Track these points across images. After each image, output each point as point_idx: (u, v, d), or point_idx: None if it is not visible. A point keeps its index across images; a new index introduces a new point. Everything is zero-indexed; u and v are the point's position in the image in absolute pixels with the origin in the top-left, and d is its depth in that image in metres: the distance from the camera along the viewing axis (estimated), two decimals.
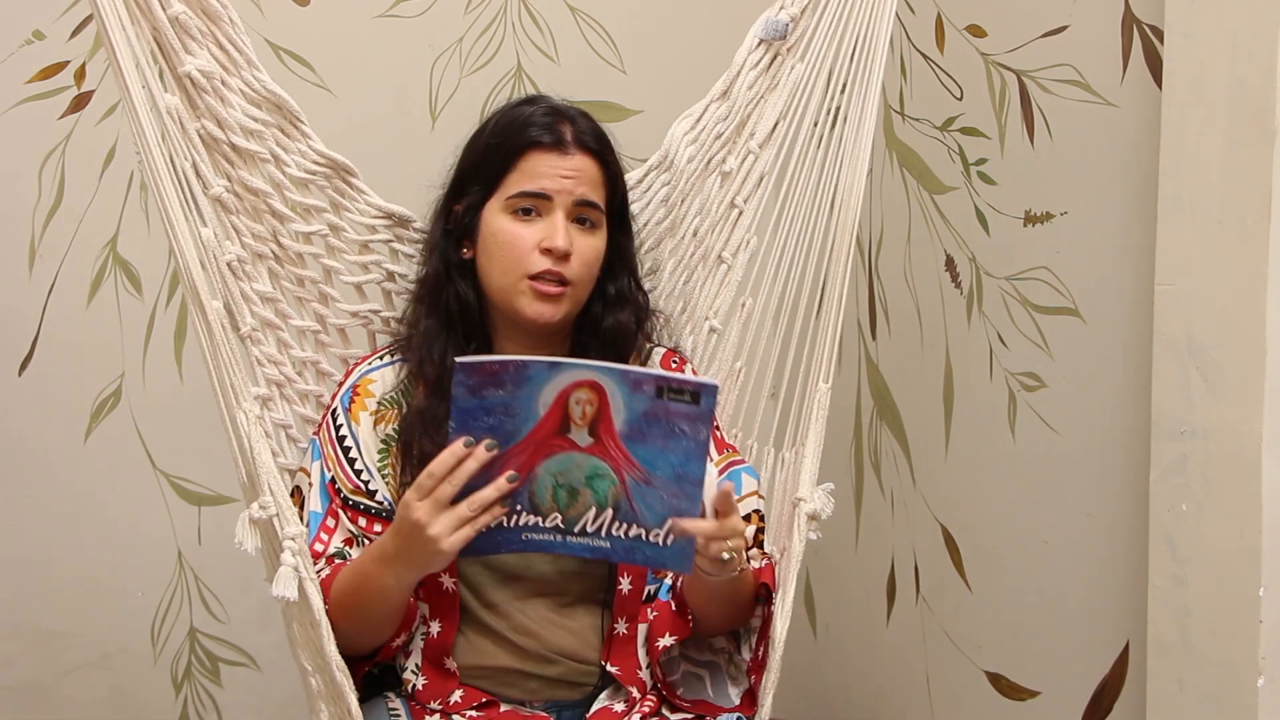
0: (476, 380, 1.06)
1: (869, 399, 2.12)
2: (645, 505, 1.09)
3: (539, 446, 1.09)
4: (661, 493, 1.09)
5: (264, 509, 1.10)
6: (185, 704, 2.05)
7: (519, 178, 1.27)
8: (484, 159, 1.30)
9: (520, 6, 2.11)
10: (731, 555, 1.11)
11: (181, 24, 1.25)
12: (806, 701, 2.24)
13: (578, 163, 1.28)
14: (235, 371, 1.13)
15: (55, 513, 1.97)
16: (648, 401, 1.07)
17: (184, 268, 1.12)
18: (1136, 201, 1.51)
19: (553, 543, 1.12)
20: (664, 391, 1.07)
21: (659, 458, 1.08)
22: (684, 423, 1.07)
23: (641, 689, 1.27)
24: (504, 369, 1.06)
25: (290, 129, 1.35)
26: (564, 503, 1.10)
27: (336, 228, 1.40)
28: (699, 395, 1.07)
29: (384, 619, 1.20)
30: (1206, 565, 1.39)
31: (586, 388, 1.07)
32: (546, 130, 1.28)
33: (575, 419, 1.08)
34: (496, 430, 1.08)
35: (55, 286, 1.96)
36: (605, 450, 1.09)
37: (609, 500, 1.10)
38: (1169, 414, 1.43)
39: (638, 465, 1.09)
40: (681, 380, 1.08)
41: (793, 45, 1.48)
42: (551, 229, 1.26)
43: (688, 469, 1.08)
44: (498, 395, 1.07)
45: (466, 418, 1.07)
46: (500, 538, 1.12)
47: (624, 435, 1.08)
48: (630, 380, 1.07)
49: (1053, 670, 1.70)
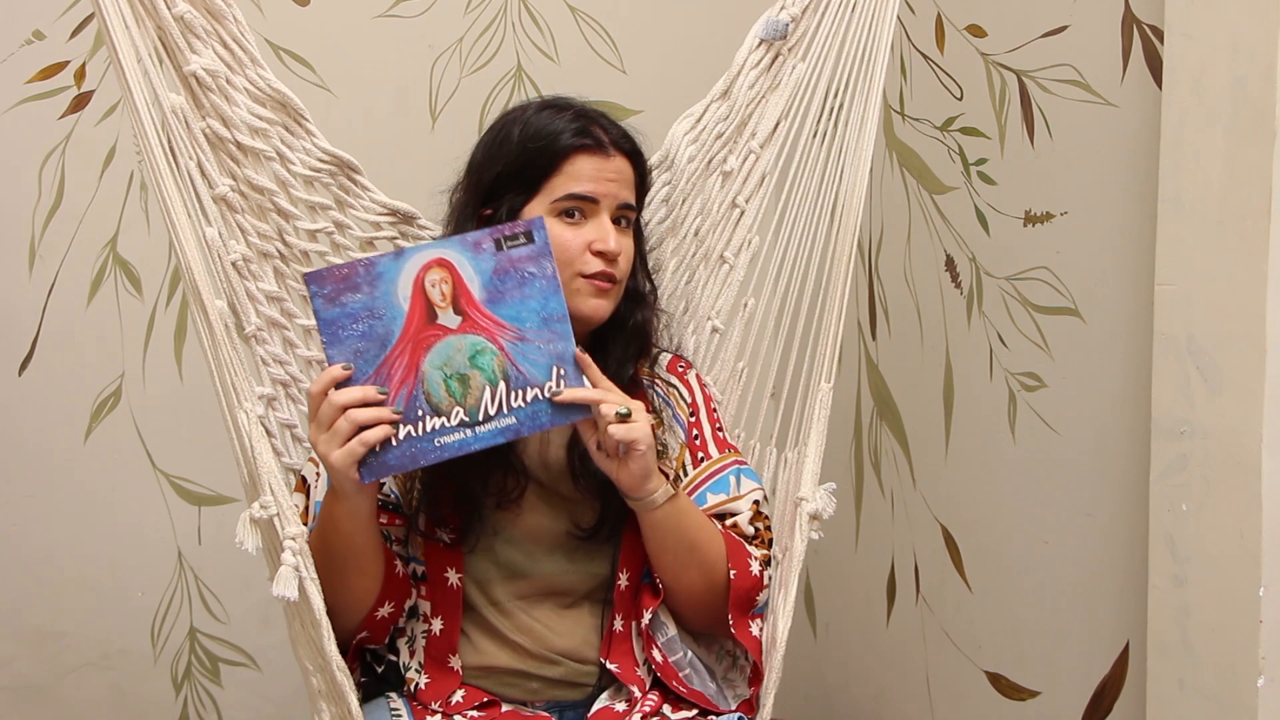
0: (331, 288, 1.10)
1: (869, 399, 2.12)
2: (529, 362, 1.15)
3: (416, 342, 1.12)
4: (537, 342, 1.15)
5: (265, 509, 1.10)
6: (185, 704, 2.05)
7: (565, 180, 1.27)
8: (522, 163, 1.29)
9: (520, 6, 2.11)
10: (627, 409, 1.14)
11: (186, 23, 1.25)
12: (806, 701, 2.24)
13: (618, 165, 1.29)
14: (237, 371, 1.13)
15: (55, 513, 1.97)
16: (492, 259, 1.14)
17: (186, 267, 1.12)
18: (1136, 201, 1.52)
19: (466, 440, 1.14)
20: (502, 243, 1.14)
21: (522, 308, 1.14)
22: (530, 265, 1.15)
23: (642, 687, 1.27)
24: (354, 270, 1.11)
25: (295, 126, 1.35)
26: (459, 394, 1.13)
27: (342, 225, 1.40)
28: (531, 233, 1.15)
29: (349, 561, 1.19)
30: (1206, 565, 1.39)
31: (436, 266, 1.13)
32: (586, 134, 1.28)
33: (437, 301, 1.13)
34: (369, 335, 1.11)
35: (55, 286, 1.96)
36: (475, 323, 1.14)
37: (498, 373, 1.14)
38: (1169, 414, 1.43)
39: (507, 326, 1.14)
40: (512, 225, 1.15)
41: (794, 45, 1.48)
42: (601, 231, 1.27)
43: (549, 308, 1.15)
44: (357, 299, 1.11)
45: (335, 329, 1.11)
46: (415, 449, 1.13)
47: (485, 301, 1.14)
48: (471, 244, 1.14)
49: (1053, 670, 1.70)
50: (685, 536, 1.24)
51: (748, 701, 1.29)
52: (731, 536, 1.28)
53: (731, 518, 1.31)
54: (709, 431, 1.36)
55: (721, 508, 1.31)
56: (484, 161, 1.32)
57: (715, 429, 1.36)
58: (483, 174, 1.31)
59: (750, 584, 1.26)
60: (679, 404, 1.37)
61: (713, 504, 1.31)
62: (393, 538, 1.29)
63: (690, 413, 1.36)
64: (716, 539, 1.26)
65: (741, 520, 1.31)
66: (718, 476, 1.33)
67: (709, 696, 1.28)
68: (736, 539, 1.29)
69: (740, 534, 1.30)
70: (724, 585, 1.26)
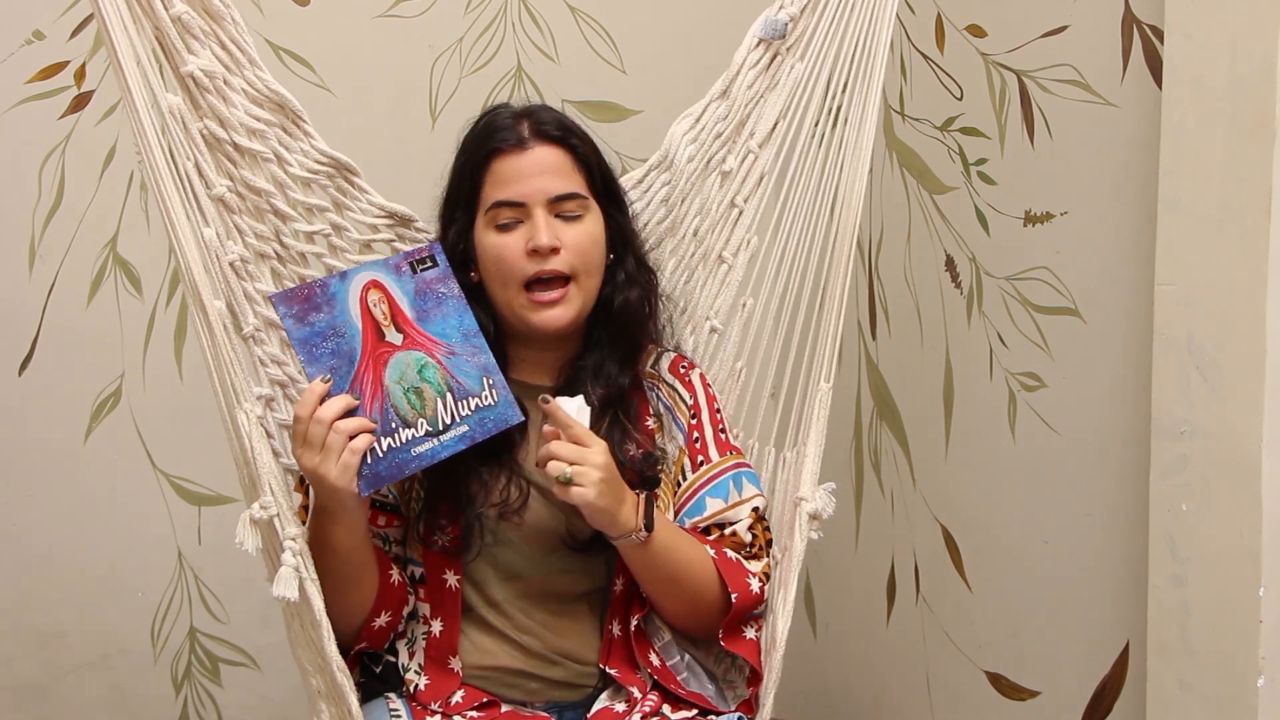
0: (298, 308, 1.15)
1: (869, 399, 2.12)
2: (463, 374, 1.21)
3: (375, 358, 1.17)
4: (464, 356, 1.22)
5: (265, 509, 1.10)
6: (185, 704, 2.05)
7: (491, 189, 1.28)
8: (458, 180, 1.31)
9: (520, 6, 2.11)
10: (568, 476, 1.15)
11: (184, 24, 1.25)
12: (806, 701, 2.24)
13: (540, 155, 1.27)
14: (236, 371, 1.13)
15: (55, 513, 1.97)
16: (411, 280, 1.22)
17: (185, 268, 1.12)
18: (1136, 201, 1.52)
19: (435, 449, 1.18)
20: (415, 266, 1.22)
21: (445, 325, 1.22)
22: (440, 286, 1.22)
23: (642, 689, 1.27)
24: (312, 291, 1.16)
25: (293, 128, 1.34)
26: (418, 405, 1.18)
27: (339, 227, 1.40)
28: (433, 257, 1.23)
29: (344, 577, 1.19)
30: (1206, 565, 1.39)
31: (373, 288, 1.19)
32: (504, 133, 1.28)
33: (380, 320, 1.18)
34: (338, 353, 1.16)
35: (55, 286, 1.96)
36: (414, 340, 1.19)
37: (443, 385, 1.19)
38: (1169, 414, 1.43)
39: (438, 341, 1.21)
40: (418, 250, 1.23)
41: (792, 44, 1.48)
42: (533, 230, 1.26)
43: (465, 324, 1.22)
44: (321, 319, 1.15)
45: (310, 347, 1.15)
46: (398, 460, 1.16)
47: (416, 320, 1.20)
48: (392, 266, 1.21)
49: (1053, 670, 1.70)
50: (665, 573, 1.24)
51: (747, 702, 1.29)
52: (726, 558, 1.27)
53: (730, 526, 1.30)
54: (710, 434, 1.35)
55: (719, 516, 1.30)
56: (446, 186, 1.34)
57: (717, 430, 1.36)
58: (445, 195, 1.34)
59: (750, 602, 1.26)
60: (680, 408, 1.36)
61: (711, 512, 1.30)
62: (390, 539, 1.29)
63: (691, 415, 1.36)
64: (705, 567, 1.25)
65: (740, 529, 1.30)
66: (716, 481, 1.32)
67: (708, 697, 1.28)
68: (733, 561, 1.27)
69: (737, 542, 1.30)
70: (713, 607, 1.25)
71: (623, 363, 1.32)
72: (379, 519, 1.28)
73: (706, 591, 1.25)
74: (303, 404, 1.12)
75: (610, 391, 1.30)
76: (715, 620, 1.26)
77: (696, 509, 1.30)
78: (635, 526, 1.19)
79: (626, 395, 1.32)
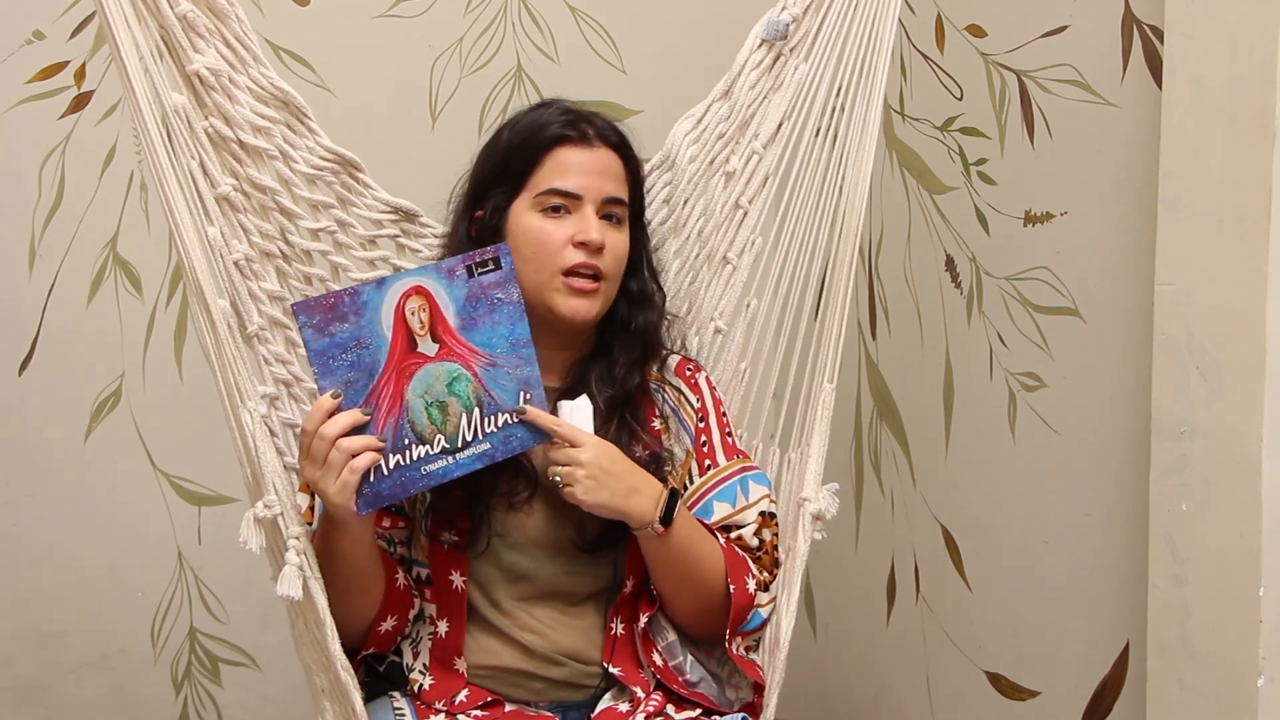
0: (320, 318, 1.11)
1: (869, 399, 2.12)
2: (499, 387, 1.18)
3: (400, 371, 1.14)
4: (506, 368, 1.19)
5: (269, 508, 1.10)
6: (185, 704, 2.05)
7: (547, 175, 1.28)
8: (507, 159, 1.30)
9: (520, 6, 2.11)
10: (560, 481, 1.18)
11: (189, 22, 1.25)
12: (806, 701, 2.24)
13: (602, 156, 1.29)
14: (239, 371, 1.13)
15: (55, 513, 1.97)
16: (465, 285, 1.17)
17: (189, 267, 1.12)
18: (1136, 201, 1.52)
19: (449, 467, 1.17)
20: (474, 269, 1.17)
21: (492, 334, 1.18)
22: (498, 291, 1.18)
23: (645, 688, 1.27)
24: (339, 300, 1.12)
25: (298, 125, 1.34)
26: (440, 421, 1.16)
27: (344, 223, 1.40)
28: (498, 260, 1.18)
29: (350, 582, 1.19)
30: (1206, 565, 1.39)
31: (415, 294, 1.15)
32: (570, 126, 1.29)
33: (416, 329, 1.15)
34: (357, 365, 1.12)
35: (55, 286, 1.96)
36: (451, 350, 1.16)
37: (472, 399, 1.17)
38: (1169, 414, 1.43)
39: (480, 352, 1.18)
40: (482, 252, 1.17)
41: (796, 45, 1.48)
42: (584, 222, 1.26)
43: (516, 333, 1.19)
44: (345, 329, 1.12)
45: (326, 360, 1.11)
46: (405, 478, 1.15)
47: (459, 328, 1.17)
48: (445, 270, 1.16)
49: (1053, 670, 1.70)
50: (681, 568, 1.24)
51: (750, 703, 1.29)
52: (733, 552, 1.28)
53: (737, 530, 1.31)
54: (717, 438, 1.35)
55: (726, 520, 1.31)
56: (477, 163, 1.34)
57: (724, 434, 1.36)
58: (476, 176, 1.33)
59: (745, 601, 1.26)
60: (686, 411, 1.36)
61: (719, 516, 1.31)
62: (396, 540, 1.29)
63: (699, 418, 1.36)
64: (716, 561, 1.26)
65: (746, 534, 1.30)
66: (724, 485, 1.32)
67: (711, 698, 1.28)
68: (739, 555, 1.28)
69: (744, 547, 1.30)
70: (720, 602, 1.26)
71: (631, 366, 1.33)
72: (384, 520, 1.28)
73: (718, 590, 1.25)
74: (310, 418, 1.11)
75: (618, 394, 1.30)
76: (719, 618, 1.26)
77: (703, 513, 1.31)
78: (651, 519, 1.20)
79: (633, 398, 1.32)
